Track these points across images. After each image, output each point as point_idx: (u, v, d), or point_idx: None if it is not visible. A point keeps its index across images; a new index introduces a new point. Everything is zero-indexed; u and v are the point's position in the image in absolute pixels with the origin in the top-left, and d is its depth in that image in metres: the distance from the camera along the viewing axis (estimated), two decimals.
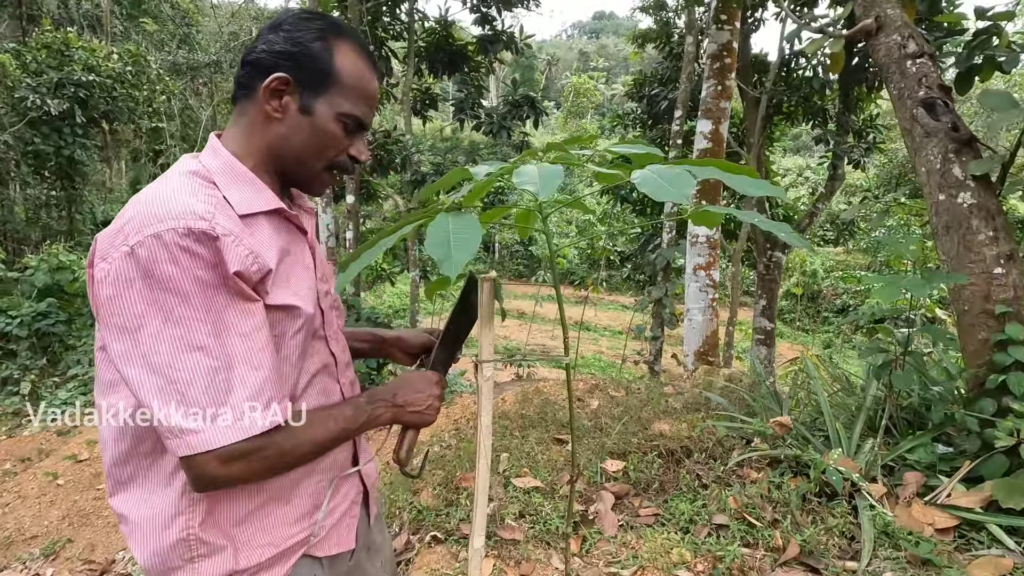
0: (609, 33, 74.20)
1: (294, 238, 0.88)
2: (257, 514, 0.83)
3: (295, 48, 0.81)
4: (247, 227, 0.77)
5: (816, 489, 2.04)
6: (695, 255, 4.67)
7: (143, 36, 17.57)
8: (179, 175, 0.79)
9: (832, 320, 15.60)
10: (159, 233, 0.69)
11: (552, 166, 0.67)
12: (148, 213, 0.71)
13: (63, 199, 12.41)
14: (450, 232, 0.63)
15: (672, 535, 1.96)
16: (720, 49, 4.56)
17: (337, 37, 0.84)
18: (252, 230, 0.78)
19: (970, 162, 2.15)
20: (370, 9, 6.16)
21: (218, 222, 0.72)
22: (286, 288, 0.81)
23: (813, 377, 2.63)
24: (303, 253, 0.89)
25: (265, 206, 0.82)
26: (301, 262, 0.88)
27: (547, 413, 3.24)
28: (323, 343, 0.92)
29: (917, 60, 2.43)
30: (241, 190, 0.80)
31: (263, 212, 0.82)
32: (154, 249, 0.68)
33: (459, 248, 0.61)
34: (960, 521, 1.85)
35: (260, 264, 0.76)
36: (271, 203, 0.83)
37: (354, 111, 0.85)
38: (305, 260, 0.89)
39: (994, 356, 1.99)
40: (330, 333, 0.94)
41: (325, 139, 0.84)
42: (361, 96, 0.85)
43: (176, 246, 0.69)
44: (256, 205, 0.81)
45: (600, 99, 35.13)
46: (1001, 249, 2.06)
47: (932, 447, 2.12)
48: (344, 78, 0.83)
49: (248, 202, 0.80)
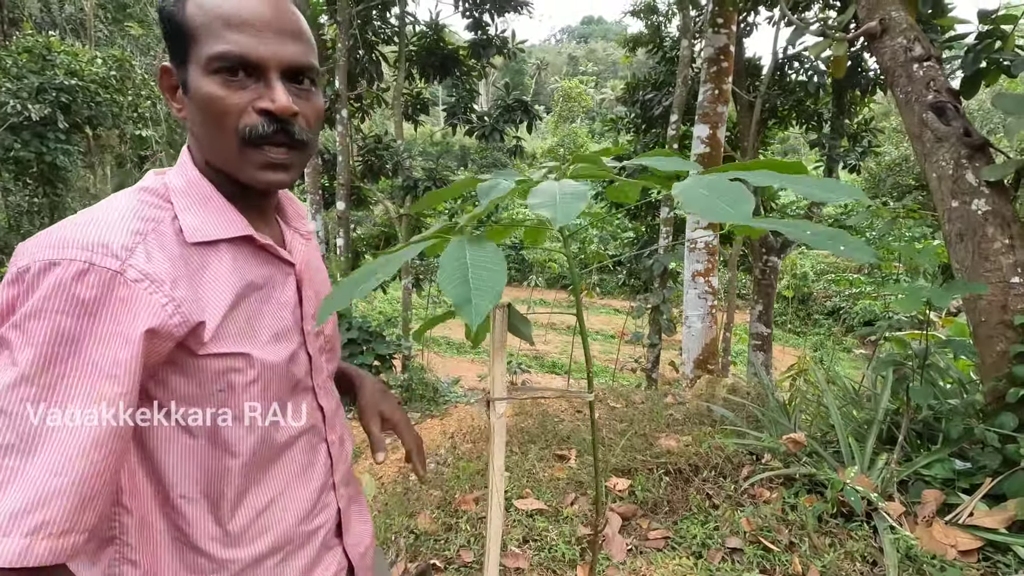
0: (598, 38, 74.53)
1: (271, 271, 0.73)
2: None
3: (163, 27, 0.66)
4: (192, 262, 0.64)
5: (833, 509, 1.95)
6: (694, 261, 4.61)
7: (128, 40, 17.32)
8: (128, 192, 0.67)
9: (823, 322, 15.67)
10: (55, 261, 0.56)
11: (574, 184, 0.56)
12: (60, 235, 0.58)
13: (45, 206, 12.16)
14: (469, 266, 0.52)
15: (684, 560, 1.87)
16: (717, 53, 4.51)
17: None
18: (202, 264, 0.65)
19: (983, 168, 2.09)
20: (360, 13, 6.06)
21: (133, 263, 0.58)
22: (239, 332, 0.66)
23: (823, 389, 2.55)
24: (281, 288, 0.74)
25: (227, 233, 0.67)
26: (276, 299, 0.73)
27: (547, 427, 3.15)
28: (310, 396, 0.77)
29: (924, 64, 2.37)
30: (201, 213, 0.67)
31: (225, 240, 0.67)
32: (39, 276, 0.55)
33: (481, 290, 0.49)
34: (984, 542, 1.77)
35: (184, 315, 0.61)
36: (238, 229, 0.68)
37: (217, 47, 0.62)
38: (283, 296, 0.74)
39: (1014, 368, 1.92)
40: (318, 383, 0.79)
41: (211, 106, 0.64)
42: (223, 26, 0.62)
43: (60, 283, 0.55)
44: (216, 232, 0.67)
45: (590, 103, 35.23)
46: (1018, 258, 2.00)
47: (949, 463, 2.04)
48: (197, 21, 0.63)
49: (206, 228, 0.66)
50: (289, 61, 0.66)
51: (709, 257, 4.61)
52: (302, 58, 0.67)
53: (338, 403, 0.86)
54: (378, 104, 7.38)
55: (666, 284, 5.79)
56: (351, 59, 6.06)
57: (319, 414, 0.79)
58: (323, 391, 0.80)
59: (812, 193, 0.58)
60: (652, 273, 5.56)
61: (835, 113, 6.28)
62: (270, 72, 0.65)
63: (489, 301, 0.47)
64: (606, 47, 60.89)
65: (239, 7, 0.63)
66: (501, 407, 0.82)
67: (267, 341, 0.70)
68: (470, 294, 0.49)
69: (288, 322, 0.74)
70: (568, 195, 0.52)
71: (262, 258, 0.72)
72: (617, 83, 41.69)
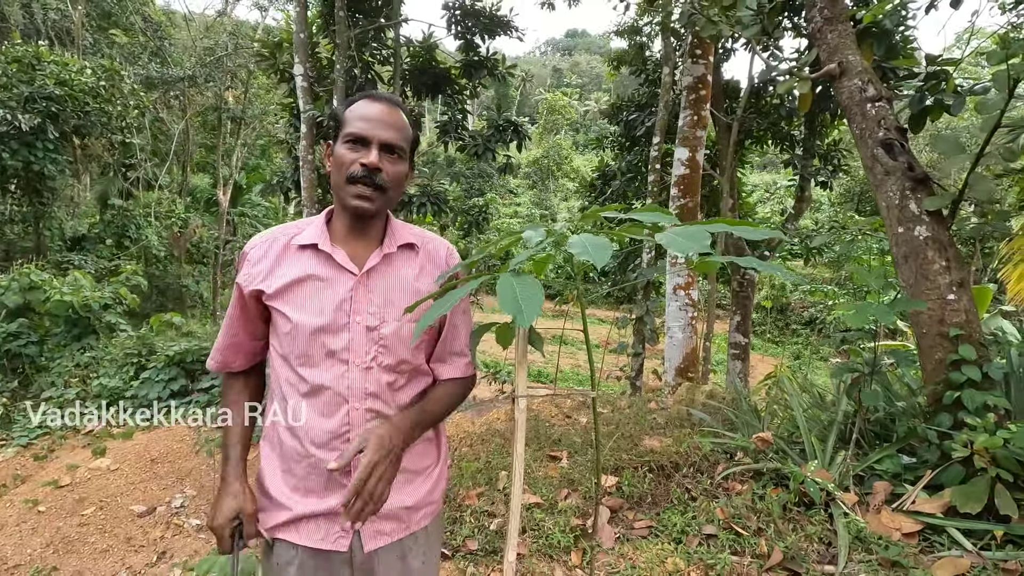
0: (582, 51, 75.63)
1: (334, 272, 1.09)
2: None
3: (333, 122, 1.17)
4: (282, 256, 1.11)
5: (795, 499, 2.21)
6: (675, 276, 4.89)
7: (114, 49, 17.28)
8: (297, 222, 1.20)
9: (800, 332, 16.16)
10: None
11: (598, 239, 0.81)
12: None
13: (30, 215, 12.10)
14: (517, 292, 0.77)
15: (666, 546, 2.11)
16: (695, 81, 4.83)
17: (352, 103, 1.13)
18: (287, 258, 1.11)
19: (925, 198, 2.38)
20: (357, 36, 6.29)
21: (252, 247, 1.15)
22: (289, 298, 1.09)
23: (790, 394, 2.82)
24: (332, 282, 1.09)
25: (309, 241, 1.11)
26: (330, 289, 1.08)
27: (539, 431, 3.37)
28: (341, 366, 1.07)
29: (876, 103, 2.67)
30: (309, 232, 1.13)
31: (310, 246, 1.10)
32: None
33: (527, 305, 0.75)
34: (924, 526, 2.04)
35: (249, 280, 1.12)
36: (311, 240, 1.11)
37: (350, 128, 1.08)
38: (337, 290, 1.08)
39: (950, 374, 2.20)
40: (354, 359, 1.07)
41: (340, 160, 1.08)
42: (357, 119, 1.08)
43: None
44: (306, 240, 1.11)
45: (575, 115, 35.77)
46: (953, 277, 2.29)
47: (898, 458, 2.32)
48: (348, 116, 1.10)
49: (304, 238, 1.12)
50: (384, 140, 1.08)
51: (689, 272, 4.90)
52: (392, 140, 1.09)
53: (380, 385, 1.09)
54: None
55: (649, 296, 6.07)
56: (348, 78, 6.28)
57: (345, 382, 1.07)
58: (359, 368, 1.08)
59: (748, 234, 0.85)
60: (636, 285, 5.83)
61: (807, 135, 6.67)
62: (372, 144, 1.07)
63: (533, 313, 0.73)
64: (590, 60, 61.87)
65: (366, 111, 1.09)
66: (523, 403, 1.05)
67: (308, 311, 1.07)
68: (521, 309, 0.74)
69: (330, 308, 1.07)
70: (599, 246, 0.78)
71: (330, 263, 1.10)
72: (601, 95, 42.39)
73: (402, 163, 1.11)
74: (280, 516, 1.10)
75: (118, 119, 12.13)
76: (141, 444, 5.32)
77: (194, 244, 17.78)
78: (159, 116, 17.61)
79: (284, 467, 1.12)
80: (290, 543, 1.09)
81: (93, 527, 4.14)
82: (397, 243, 1.15)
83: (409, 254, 1.16)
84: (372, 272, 1.10)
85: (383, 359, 1.09)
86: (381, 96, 1.13)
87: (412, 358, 1.13)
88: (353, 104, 1.12)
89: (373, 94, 1.13)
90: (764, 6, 3.33)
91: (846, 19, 2.80)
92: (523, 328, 1.05)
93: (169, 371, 6.52)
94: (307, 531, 1.09)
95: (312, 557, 1.09)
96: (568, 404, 4.23)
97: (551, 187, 29.51)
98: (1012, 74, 2.07)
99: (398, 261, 1.14)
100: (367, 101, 1.11)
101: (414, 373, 1.15)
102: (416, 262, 1.15)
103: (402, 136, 1.10)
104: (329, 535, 1.08)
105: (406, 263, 1.15)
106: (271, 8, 19.24)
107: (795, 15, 5.70)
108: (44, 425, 6.03)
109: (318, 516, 1.08)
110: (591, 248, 0.78)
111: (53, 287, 7.67)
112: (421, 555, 1.16)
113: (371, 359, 1.08)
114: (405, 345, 1.10)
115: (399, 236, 1.16)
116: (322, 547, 1.08)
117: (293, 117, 7.71)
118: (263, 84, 17.66)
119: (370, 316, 1.08)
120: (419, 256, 1.16)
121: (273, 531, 1.11)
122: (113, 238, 14.35)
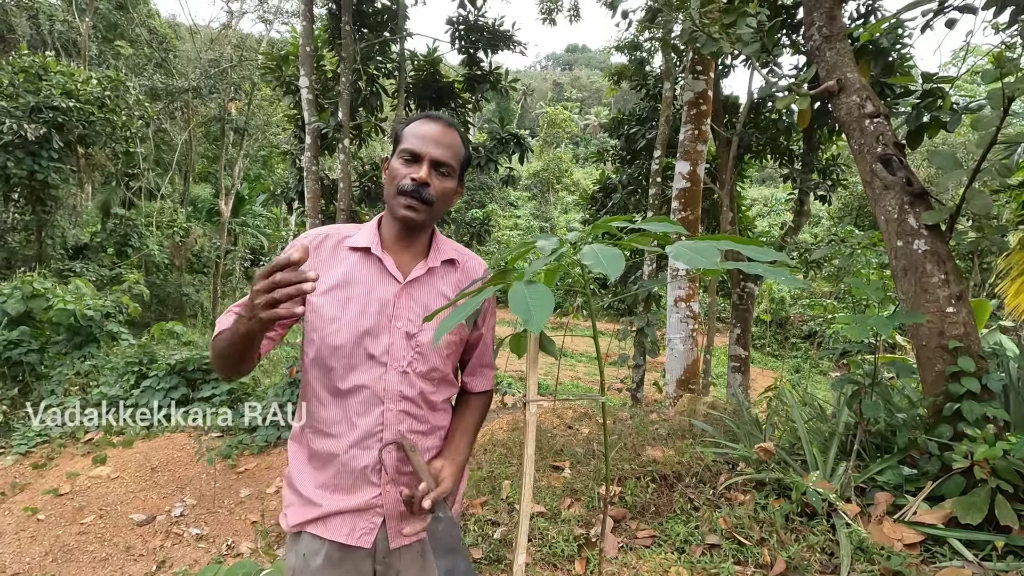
0: (582, 65, 76.39)
1: (376, 276, 1.15)
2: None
3: (393, 138, 1.25)
4: (333, 255, 1.17)
5: (798, 509, 2.22)
6: (676, 288, 4.93)
7: (120, 60, 17.45)
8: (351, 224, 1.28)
9: (800, 346, 16.17)
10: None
11: (610, 249, 0.84)
12: None
13: (32, 223, 12.14)
14: (528, 298, 0.80)
15: (669, 555, 2.12)
16: (696, 97, 4.90)
17: (411, 121, 1.20)
18: (338, 257, 1.17)
19: (923, 213, 2.42)
20: (363, 49, 6.38)
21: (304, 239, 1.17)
22: (336, 296, 1.13)
23: (792, 405, 2.84)
24: (378, 287, 1.14)
25: (362, 244, 1.17)
26: (376, 293, 1.14)
27: (541, 441, 3.38)
28: (379, 368, 1.12)
29: (874, 119, 2.72)
30: (360, 236, 1.20)
31: (361, 249, 1.17)
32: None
33: (537, 310, 0.78)
34: (925, 536, 2.05)
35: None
36: (364, 243, 1.18)
37: (406, 144, 1.16)
38: (378, 292, 1.14)
39: (949, 386, 2.23)
40: (394, 364, 1.13)
41: (393, 173, 1.17)
42: (412, 136, 1.16)
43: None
44: (358, 243, 1.18)
45: (575, 129, 36.05)
46: (952, 290, 2.33)
47: (899, 469, 2.33)
48: (405, 134, 1.18)
49: (357, 241, 1.19)
50: (434, 157, 1.15)
51: (690, 284, 4.93)
52: (442, 157, 1.16)
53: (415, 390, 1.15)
54: (376, 133, 7.69)
55: (650, 308, 6.09)
56: (353, 91, 6.37)
57: (382, 383, 1.13)
58: (396, 371, 1.13)
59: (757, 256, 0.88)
60: (637, 297, 5.87)
61: (805, 150, 6.75)
62: (424, 160, 1.15)
63: (543, 318, 0.76)
64: (590, 74, 62.47)
65: (420, 129, 1.17)
66: (534, 407, 1.08)
67: (353, 311, 1.12)
68: (532, 314, 0.77)
69: (373, 311, 1.13)
70: (611, 256, 0.81)
71: (378, 268, 1.16)
72: (601, 109, 42.76)
73: (450, 180, 1.19)
74: (310, 513, 1.14)
75: (122, 129, 12.22)
76: (141, 453, 5.31)
77: (195, 253, 17.84)
78: (162, 127, 17.76)
79: (315, 466, 1.16)
80: (317, 536, 1.14)
81: (92, 536, 4.12)
82: (441, 258, 1.22)
83: (450, 269, 1.24)
84: (415, 282, 1.17)
85: (418, 365, 1.16)
86: (437, 117, 1.20)
87: (443, 366, 1.20)
88: (411, 123, 1.20)
89: (430, 115, 1.21)
90: (764, 24, 3.40)
91: (844, 37, 2.86)
92: (534, 335, 1.07)
93: (170, 379, 6.52)
94: (334, 526, 1.13)
95: (337, 550, 1.13)
96: (569, 415, 4.24)
97: (551, 199, 29.67)
98: (1007, 92, 2.12)
99: (439, 274, 1.21)
100: (424, 121, 1.18)
101: (443, 380, 1.22)
102: (454, 277, 1.24)
103: (452, 155, 1.18)
104: (355, 531, 1.13)
105: (446, 277, 1.23)
106: (275, 22, 19.52)
107: (794, 33, 5.81)
108: (44, 433, 6.02)
109: (345, 513, 1.13)
110: (604, 259, 0.80)
111: (56, 295, 7.68)
112: None
113: (407, 364, 1.14)
114: (438, 353, 1.17)
115: (443, 251, 1.24)
116: (348, 542, 1.12)
117: (298, 128, 7.79)
118: (266, 96, 17.83)
119: (409, 323, 1.15)
120: (458, 272, 1.24)
121: (302, 526, 1.16)
122: (114, 247, 14.40)
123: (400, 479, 1.15)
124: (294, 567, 1.16)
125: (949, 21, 3.21)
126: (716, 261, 0.84)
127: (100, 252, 14.19)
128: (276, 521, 4.16)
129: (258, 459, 5.31)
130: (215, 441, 5.60)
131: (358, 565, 1.14)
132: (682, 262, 0.86)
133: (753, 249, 0.90)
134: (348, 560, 1.14)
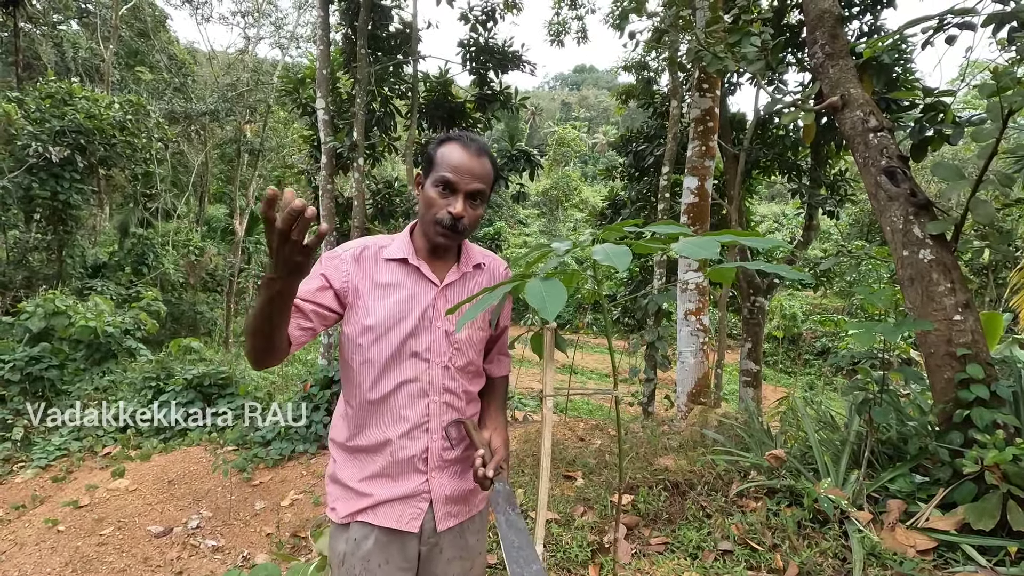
0: (590, 85, 77.29)
1: (415, 281, 1.25)
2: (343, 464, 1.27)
3: (425, 156, 1.28)
4: (372, 266, 1.24)
5: (810, 516, 2.24)
6: (686, 301, 4.97)
7: (140, 85, 18.00)
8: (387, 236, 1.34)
9: (813, 362, 16.01)
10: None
11: (618, 247, 0.91)
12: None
13: (53, 243, 12.44)
14: (543, 292, 0.88)
15: (682, 561, 2.14)
16: (703, 114, 5.00)
17: (445, 142, 1.23)
18: (378, 268, 1.24)
19: (928, 223, 2.47)
20: (377, 72, 6.58)
21: (345, 250, 1.26)
22: (372, 305, 1.21)
23: (803, 414, 2.86)
24: (418, 291, 1.24)
25: (397, 255, 1.26)
26: (416, 298, 1.23)
27: (554, 452, 3.42)
28: (423, 364, 1.23)
29: (878, 133, 2.78)
30: (396, 247, 1.28)
31: (397, 260, 1.26)
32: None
33: (551, 302, 0.86)
34: (938, 543, 2.06)
35: (338, 280, 1.22)
36: (401, 254, 1.26)
37: (442, 173, 1.19)
38: (419, 296, 1.24)
39: (958, 393, 2.25)
40: (434, 359, 1.24)
41: (428, 200, 1.22)
42: (449, 166, 1.19)
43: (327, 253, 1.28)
44: (395, 254, 1.26)
45: (583, 148, 36.37)
46: (959, 299, 2.36)
47: (910, 477, 2.35)
48: (440, 159, 1.21)
49: (393, 252, 1.27)
50: (470, 189, 1.21)
51: (700, 297, 4.97)
52: (478, 189, 1.22)
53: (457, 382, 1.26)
54: (389, 152, 7.87)
55: (660, 323, 6.13)
56: (367, 112, 6.55)
57: (427, 377, 1.23)
58: (439, 366, 1.24)
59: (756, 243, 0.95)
60: (647, 312, 5.90)
61: (813, 165, 6.80)
62: (460, 192, 1.20)
63: (557, 307, 0.83)
64: (598, 94, 63.17)
65: (456, 158, 1.20)
66: (550, 401, 1.14)
67: (397, 315, 1.21)
68: (546, 304, 0.84)
69: (416, 313, 1.22)
70: (619, 253, 0.88)
71: (416, 275, 1.25)
72: (609, 128, 43.16)
73: (482, 207, 1.27)
74: (360, 503, 1.22)
75: (143, 151, 12.57)
76: (159, 466, 5.39)
77: (209, 272, 18.13)
78: (180, 149, 18.22)
79: (362, 460, 1.24)
80: (367, 523, 1.22)
81: (111, 547, 4.18)
82: (471, 263, 1.34)
83: (478, 272, 1.36)
84: (450, 286, 1.28)
85: (456, 360, 1.27)
86: (472, 142, 1.22)
87: (476, 359, 1.32)
88: (446, 145, 1.22)
89: (463, 138, 1.23)
90: (767, 43, 3.50)
91: (847, 54, 2.93)
92: (550, 333, 1.14)
93: (187, 394, 6.63)
94: (383, 513, 1.21)
95: (386, 535, 1.22)
96: (581, 428, 4.27)
97: (560, 217, 29.84)
98: (1005, 105, 2.18)
99: (470, 278, 1.33)
100: (459, 147, 1.21)
101: (476, 373, 1.33)
102: (483, 279, 1.35)
103: (486, 183, 1.24)
104: (403, 517, 1.21)
105: (476, 279, 1.34)
106: (290, 47, 20.05)
107: (798, 51, 5.91)
108: (63, 447, 6.14)
109: (394, 501, 1.22)
110: (612, 255, 0.88)
111: (78, 312, 7.86)
112: (476, 533, 1.35)
113: (448, 359, 1.25)
114: (473, 348, 1.30)
115: (472, 257, 1.36)
116: (397, 527, 1.21)
117: (314, 148, 8.00)
118: (280, 118, 18.26)
119: (447, 322, 1.25)
120: (485, 274, 1.36)
121: (352, 516, 1.23)
122: (131, 266, 14.68)
123: (445, 466, 1.25)
124: (344, 552, 1.23)
125: (949, 38, 3.28)
126: (716, 252, 0.91)
127: (118, 271, 14.47)
128: (291, 533, 4.20)
129: (272, 472, 5.37)
130: (231, 454, 5.67)
131: (405, 547, 1.22)
132: (686, 254, 0.93)
133: (754, 239, 0.96)
134: (396, 543, 1.22)
